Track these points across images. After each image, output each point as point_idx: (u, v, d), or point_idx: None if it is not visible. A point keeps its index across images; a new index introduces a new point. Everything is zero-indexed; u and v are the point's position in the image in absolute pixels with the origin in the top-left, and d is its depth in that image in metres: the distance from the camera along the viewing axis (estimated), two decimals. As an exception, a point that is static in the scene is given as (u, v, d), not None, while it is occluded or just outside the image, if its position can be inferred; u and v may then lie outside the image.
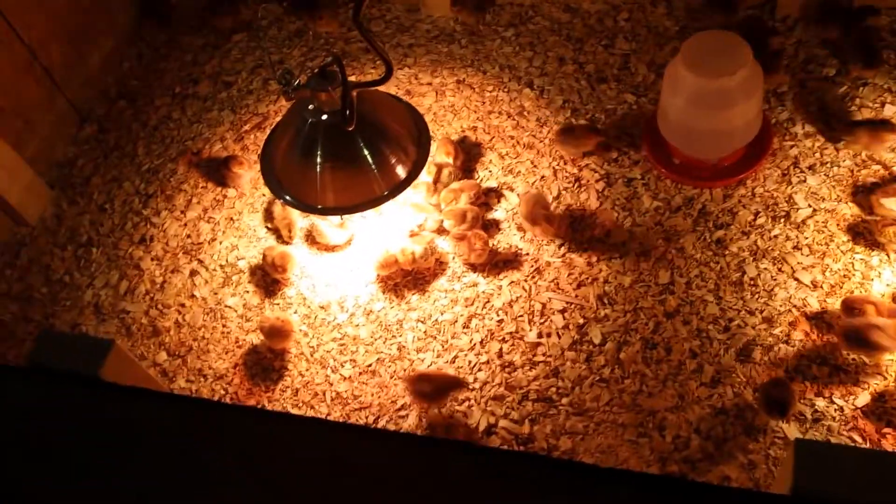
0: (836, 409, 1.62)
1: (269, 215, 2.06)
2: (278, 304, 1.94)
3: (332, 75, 1.63)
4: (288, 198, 1.83)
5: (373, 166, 1.75)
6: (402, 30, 2.46)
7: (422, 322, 1.87)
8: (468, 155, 2.12)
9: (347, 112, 1.61)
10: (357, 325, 1.88)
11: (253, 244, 2.04)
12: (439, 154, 2.07)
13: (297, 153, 1.77)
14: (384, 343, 1.85)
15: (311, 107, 1.70)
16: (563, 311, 1.84)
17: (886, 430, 1.58)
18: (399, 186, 1.80)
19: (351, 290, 1.93)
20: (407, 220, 2.01)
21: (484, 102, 2.24)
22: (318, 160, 1.73)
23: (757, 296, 1.78)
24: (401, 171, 1.81)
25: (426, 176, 2.02)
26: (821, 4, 2.13)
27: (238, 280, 2.00)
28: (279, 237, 2.03)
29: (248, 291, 1.97)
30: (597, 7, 2.36)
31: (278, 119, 2.18)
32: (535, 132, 2.16)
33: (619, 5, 2.35)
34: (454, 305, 1.89)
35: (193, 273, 2.03)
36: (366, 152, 1.73)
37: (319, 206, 1.80)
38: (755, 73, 1.84)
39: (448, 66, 2.34)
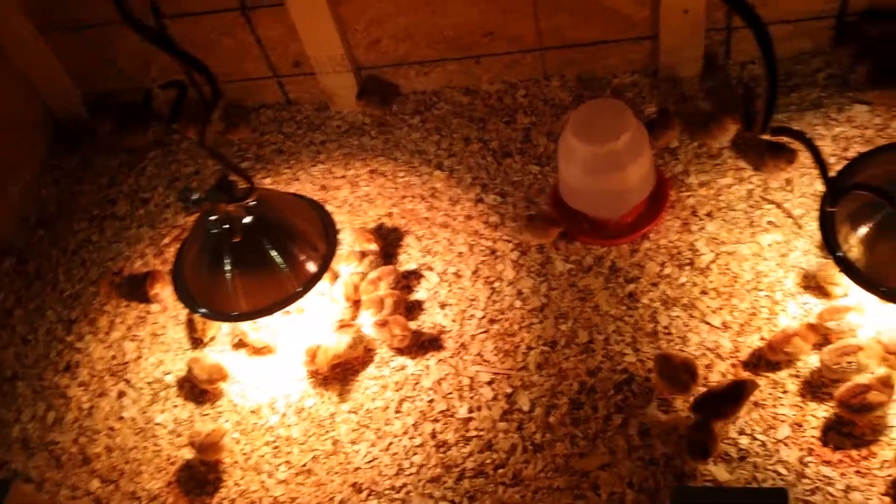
0: (759, 445, 1.66)
1: (192, 325, 2.07)
2: (208, 415, 1.93)
3: (229, 186, 1.69)
4: (203, 310, 1.85)
5: (283, 266, 1.79)
6: (313, 128, 2.55)
7: (354, 413, 1.88)
8: (386, 241, 2.18)
9: (230, 225, 1.67)
10: (289, 426, 1.88)
11: (179, 357, 2.04)
12: (359, 243, 2.13)
13: (206, 264, 1.80)
14: (318, 440, 1.85)
15: (213, 218, 1.74)
16: (490, 383, 1.87)
17: (808, 458, 1.62)
18: (312, 281, 1.84)
19: (281, 391, 1.94)
20: (331, 313, 2.04)
21: (397, 188, 2.32)
22: (228, 268, 1.77)
23: (672, 343, 1.84)
24: (312, 267, 1.85)
25: (350, 266, 2.07)
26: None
27: (166, 395, 1.99)
28: (200, 342, 2.03)
29: (177, 406, 1.96)
30: (495, 87, 2.48)
31: (197, 229, 2.22)
32: (449, 211, 2.23)
33: (515, 83, 2.48)
34: (385, 391, 1.90)
35: (121, 394, 2.02)
36: (273, 254, 1.77)
37: (235, 313, 1.83)
38: (640, 134, 1.96)
39: (360, 158, 2.42)
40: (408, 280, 2.09)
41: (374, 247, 2.10)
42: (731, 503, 0.95)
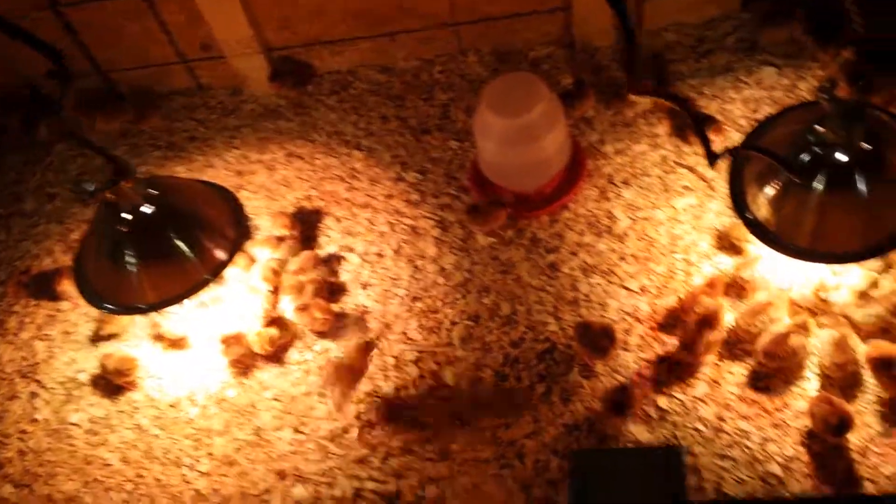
0: (678, 404, 1.69)
1: (103, 321, 2.00)
2: (125, 411, 1.87)
3: (122, 175, 1.62)
4: (108, 305, 1.78)
5: (189, 254, 1.74)
6: (226, 113, 2.48)
7: (277, 400, 1.84)
8: (305, 224, 2.13)
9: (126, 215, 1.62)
10: (210, 417, 1.83)
11: (92, 354, 1.97)
12: (276, 228, 2.08)
13: (107, 257, 1.74)
14: (240, 429, 1.81)
15: (110, 209, 1.68)
16: (416, 361, 1.86)
17: (726, 414, 1.66)
18: (220, 268, 1.79)
19: (200, 382, 1.89)
20: (249, 301, 1.99)
21: (315, 171, 2.27)
22: (131, 260, 1.71)
23: (592, 309, 1.85)
24: (221, 254, 1.80)
25: (267, 252, 2.03)
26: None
27: (80, 394, 1.92)
28: (112, 336, 1.97)
29: (92, 404, 1.90)
30: (411, 64, 2.45)
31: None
32: (369, 191, 2.20)
33: (432, 59, 2.45)
34: (308, 376, 1.87)
35: (33, 395, 1.94)
36: (178, 242, 1.72)
37: (142, 306, 1.77)
38: (554, 105, 1.95)
39: (276, 141, 2.37)
40: (329, 263, 2.05)
41: (291, 231, 2.06)
42: (628, 464, 0.95)
